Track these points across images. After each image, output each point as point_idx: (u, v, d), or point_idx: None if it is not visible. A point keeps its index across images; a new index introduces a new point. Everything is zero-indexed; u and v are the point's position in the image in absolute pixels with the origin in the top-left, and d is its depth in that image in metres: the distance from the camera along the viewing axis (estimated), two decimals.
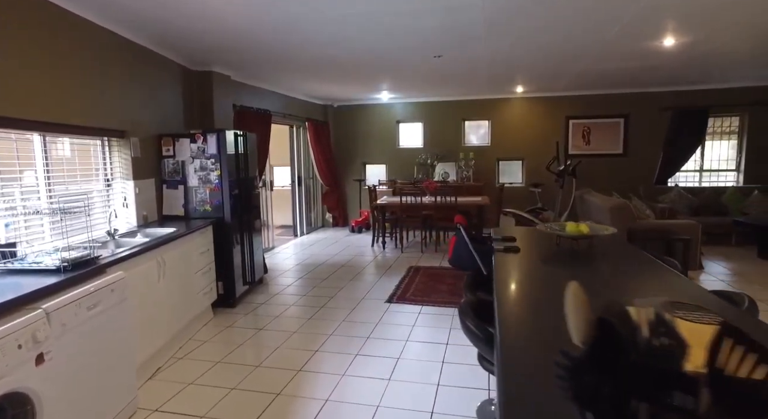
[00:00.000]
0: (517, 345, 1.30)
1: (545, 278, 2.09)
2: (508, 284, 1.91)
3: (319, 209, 8.91)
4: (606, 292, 1.84)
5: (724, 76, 6.73)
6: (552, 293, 1.83)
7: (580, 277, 2.07)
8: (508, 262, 2.30)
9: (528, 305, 1.67)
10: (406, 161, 8.68)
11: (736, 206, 7.01)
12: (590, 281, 1.98)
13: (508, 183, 8.40)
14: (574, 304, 1.03)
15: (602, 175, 7.87)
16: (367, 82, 6.62)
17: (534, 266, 2.30)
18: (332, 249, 6.86)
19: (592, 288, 1.85)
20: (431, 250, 6.65)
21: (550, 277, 2.10)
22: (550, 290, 1.89)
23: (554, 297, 1.77)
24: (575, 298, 1.03)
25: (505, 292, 1.79)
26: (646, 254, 2.49)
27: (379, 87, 7.16)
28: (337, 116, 8.91)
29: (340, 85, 6.81)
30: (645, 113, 7.63)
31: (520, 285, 1.94)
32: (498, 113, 8.23)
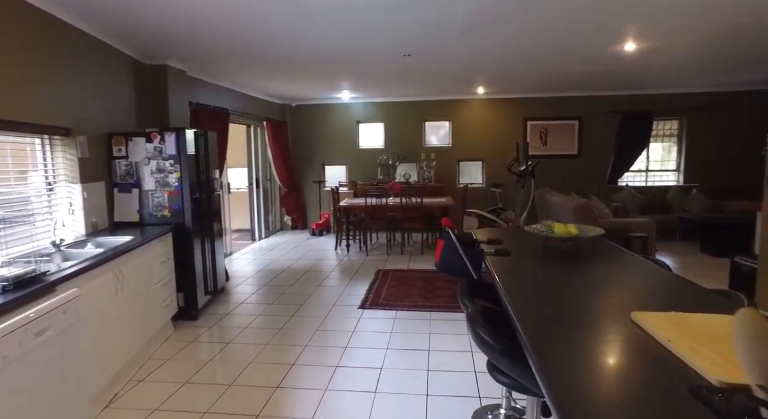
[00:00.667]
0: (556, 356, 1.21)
1: (552, 281, 2.04)
2: (519, 292, 1.82)
3: (277, 212, 8.60)
4: (627, 295, 1.81)
5: (666, 83, 7.13)
6: (569, 299, 1.77)
7: (586, 279, 2.04)
8: (504, 266, 2.23)
9: (550, 314, 1.59)
10: (367, 162, 8.55)
11: (678, 204, 7.45)
12: (600, 284, 1.94)
13: (468, 184, 8.48)
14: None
15: (559, 175, 8.11)
16: (330, 81, 6.43)
17: (534, 270, 2.24)
18: (294, 253, 6.60)
19: (607, 291, 1.82)
20: (397, 252, 6.56)
21: (558, 280, 2.04)
22: (563, 294, 1.82)
23: (573, 303, 1.71)
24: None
25: (518, 300, 1.70)
26: (634, 254, 2.51)
27: (340, 86, 6.99)
28: (295, 116, 8.64)
29: (301, 83, 6.57)
30: (597, 115, 7.95)
31: (531, 292, 1.87)
32: (458, 113, 8.29)
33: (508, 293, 1.75)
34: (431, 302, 4.29)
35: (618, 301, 1.72)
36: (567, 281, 2.02)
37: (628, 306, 1.60)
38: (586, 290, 1.88)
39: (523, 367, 1.49)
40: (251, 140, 7.56)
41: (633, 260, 2.40)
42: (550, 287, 1.95)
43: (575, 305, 1.70)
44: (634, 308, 1.53)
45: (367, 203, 6.28)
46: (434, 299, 4.38)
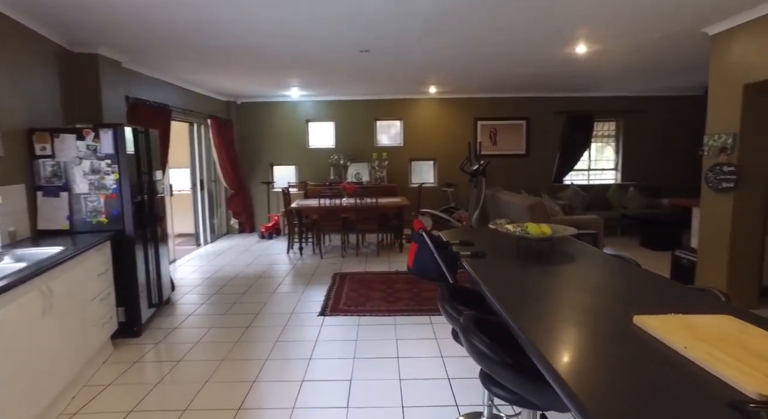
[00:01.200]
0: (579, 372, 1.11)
1: (539, 284, 1.96)
2: (512, 299, 1.73)
3: (223, 215, 8.13)
4: (619, 295, 1.76)
5: (606, 87, 7.47)
6: (565, 304, 1.70)
7: (572, 280, 1.97)
8: (485, 270, 2.13)
9: (554, 322, 1.50)
10: (318, 161, 8.31)
11: (618, 201, 7.85)
12: (587, 285, 1.89)
13: (422, 184, 8.46)
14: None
15: (508, 174, 8.28)
16: (279, 77, 6.14)
17: (516, 272, 2.17)
18: (244, 259, 6.25)
19: (599, 293, 1.75)
20: (352, 254, 6.39)
21: (545, 282, 1.97)
22: (556, 298, 1.75)
23: (572, 308, 1.64)
24: None
25: (516, 310, 1.60)
26: (602, 252, 2.51)
27: (289, 83, 6.70)
28: (241, 114, 8.22)
29: (249, 79, 6.23)
30: (543, 116, 8.20)
31: (524, 297, 1.77)
32: (410, 113, 8.25)
33: (502, 302, 1.65)
34: (394, 306, 4.16)
35: (614, 303, 1.67)
36: (554, 283, 1.96)
37: (625, 308, 1.55)
38: (577, 292, 1.82)
39: (527, 380, 1.39)
40: (195, 139, 7.09)
41: (606, 259, 2.40)
42: (540, 290, 1.87)
43: (574, 310, 1.63)
44: (632, 310, 1.48)
45: (321, 205, 6.06)
46: (396, 303, 4.25)
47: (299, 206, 6.27)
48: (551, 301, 1.73)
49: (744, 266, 3.93)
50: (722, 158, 3.92)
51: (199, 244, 7.18)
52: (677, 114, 8.14)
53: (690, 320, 1.38)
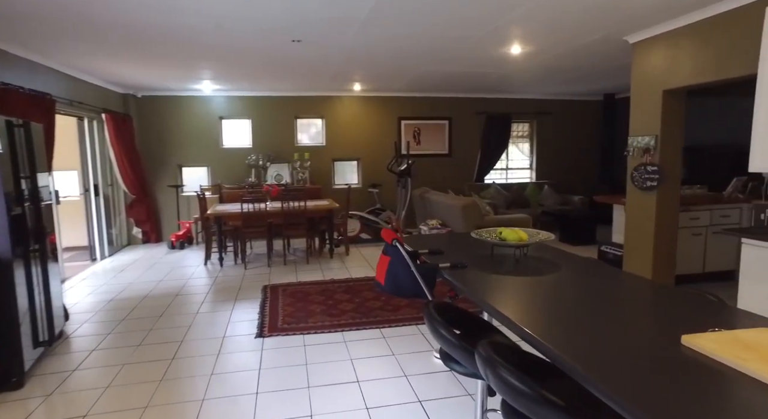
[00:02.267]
0: None
1: (546, 298, 1.76)
2: (532, 319, 1.51)
3: (123, 224, 7.11)
4: (638, 309, 1.61)
5: (521, 89, 7.79)
6: (595, 324, 1.51)
7: (578, 292, 1.76)
8: (474, 283, 1.91)
9: (599, 347, 1.30)
10: (233, 162, 7.62)
11: (535, 199, 8.24)
12: (597, 295, 1.73)
13: (344, 184, 8.15)
14: None
15: (432, 174, 8.30)
16: (190, 68, 5.44)
17: (509, 285, 1.96)
18: (154, 274, 5.45)
19: (613, 304, 1.59)
20: (279, 263, 5.89)
21: (551, 296, 1.78)
22: (585, 317, 1.56)
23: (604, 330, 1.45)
24: None
25: (546, 333, 1.38)
26: (575, 255, 2.43)
27: (201, 76, 6.00)
28: (142, 109, 7.24)
29: (153, 68, 5.44)
30: (464, 116, 8.33)
31: (541, 316, 1.56)
32: (332, 111, 7.89)
33: (529, 326, 1.42)
34: (339, 320, 3.82)
35: (641, 318, 1.52)
36: (562, 298, 1.78)
37: (655, 323, 1.41)
38: (594, 306, 1.65)
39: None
40: (86, 137, 6.06)
41: (590, 264, 2.30)
42: (557, 308, 1.67)
43: (611, 332, 1.44)
44: (662, 324, 1.34)
45: (243, 210, 5.48)
46: (341, 316, 3.92)
47: (218, 211, 5.63)
48: (578, 322, 1.54)
49: (664, 258, 4.20)
50: (646, 159, 4.15)
51: (94, 258, 6.17)
52: (579, 117, 8.76)
53: (740, 336, 1.26)
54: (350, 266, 5.65)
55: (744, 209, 4.61)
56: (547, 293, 1.82)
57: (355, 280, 5.00)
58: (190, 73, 5.86)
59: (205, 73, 5.85)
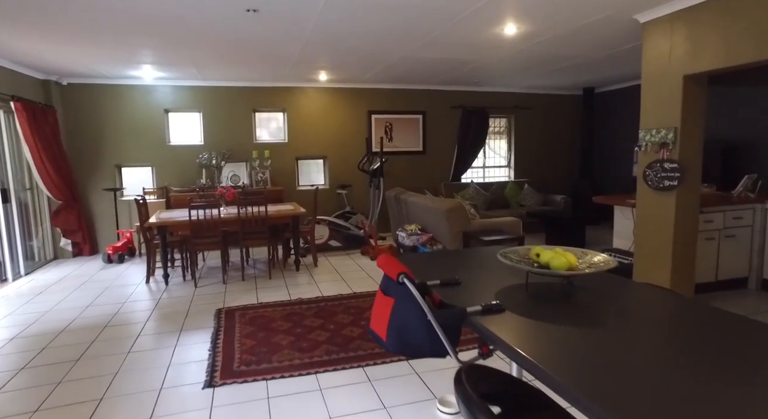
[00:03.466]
0: None
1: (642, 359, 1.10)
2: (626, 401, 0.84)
3: (48, 234, 6.05)
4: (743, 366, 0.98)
5: (498, 82, 7.26)
6: None
7: (667, 346, 1.12)
8: (523, 339, 1.23)
9: None
10: (182, 162, 6.68)
11: (515, 199, 7.74)
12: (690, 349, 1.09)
13: (310, 185, 7.37)
14: None
15: (405, 173, 7.65)
16: (124, 46, 4.53)
17: (573, 337, 1.29)
18: (82, 296, 4.51)
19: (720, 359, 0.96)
20: (236, 278, 5.06)
21: (647, 355, 1.12)
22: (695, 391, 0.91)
23: None
24: None
25: None
26: (640, 284, 1.80)
27: (138, 58, 5.08)
28: (69, 99, 6.19)
29: (75, 45, 4.49)
30: (439, 110, 7.72)
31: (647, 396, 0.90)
32: (294, 103, 7.08)
33: None
34: (312, 356, 3.08)
35: None
36: (658, 358, 1.11)
37: None
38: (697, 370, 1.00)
39: None
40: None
41: (658, 295, 1.66)
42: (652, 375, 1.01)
43: None
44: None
45: (192, 218, 4.62)
46: (313, 350, 3.17)
47: (162, 220, 4.73)
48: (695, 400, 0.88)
49: (683, 266, 3.71)
50: (662, 155, 3.64)
51: (4, 279, 5.12)
52: (558, 112, 8.34)
53: None
54: (320, 281, 4.90)
55: (757, 209, 4.20)
56: (632, 353, 1.15)
57: (327, 299, 4.26)
58: (125, 55, 4.93)
59: (144, 55, 4.94)
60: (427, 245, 5.26)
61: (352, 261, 5.76)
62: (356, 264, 5.59)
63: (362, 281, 4.85)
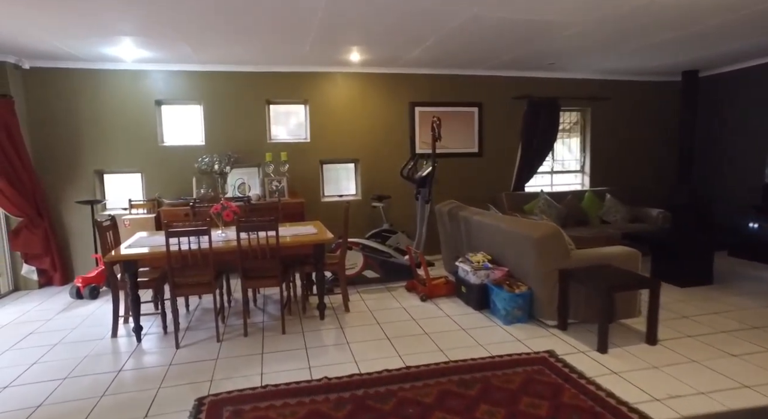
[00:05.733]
0: None
1: None
2: None
3: (8, 260, 4.74)
4: None
5: (572, 65, 5.67)
6: None
7: None
8: None
9: None
10: (178, 167, 5.30)
11: (595, 213, 6.09)
12: None
13: (337, 196, 5.91)
14: None
15: (456, 180, 6.10)
16: (96, 6, 3.14)
17: None
18: (16, 358, 3.12)
19: None
20: (235, 332, 3.60)
21: None
22: None
23: None
24: None
25: None
26: None
27: (111, 26, 3.70)
28: (33, 87, 4.88)
29: (24, 7, 3.13)
30: (499, 101, 6.15)
31: None
32: (319, 93, 5.63)
33: None
34: None
35: None
36: None
37: None
38: None
39: None
40: None
41: None
42: None
43: None
44: None
45: (172, 249, 3.18)
46: None
47: (127, 253, 3.31)
48: None
49: None
50: None
51: None
52: (647, 103, 6.66)
53: None
54: (355, 339, 3.40)
55: None
56: None
57: (368, 383, 2.74)
58: (94, 20, 3.55)
59: (124, 21, 3.55)
60: (504, 286, 3.69)
61: (395, 302, 4.24)
62: (402, 308, 4.06)
63: (416, 341, 3.32)
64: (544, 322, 3.53)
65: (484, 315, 3.83)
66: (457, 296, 4.28)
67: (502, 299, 3.65)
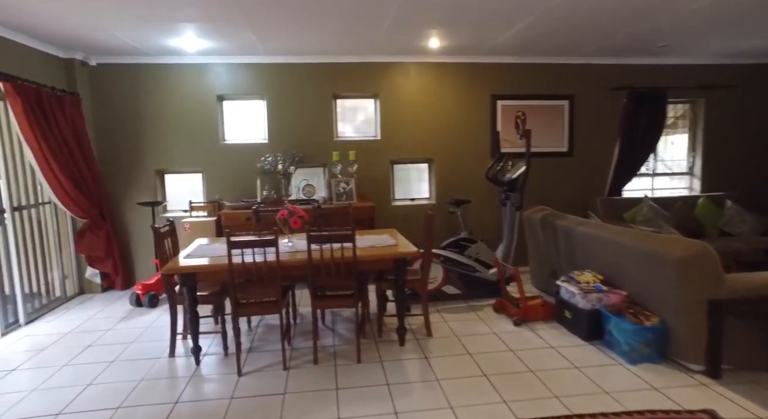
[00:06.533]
0: None
1: None
2: None
3: (72, 262, 4.58)
4: None
5: (683, 48, 4.77)
6: None
7: None
8: None
9: None
10: (239, 166, 4.96)
11: (713, 223, 5.14)
12: None
13: (408, 199, 5.36)
14: None
15: (542, 183, 5.36)
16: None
17: None
18: (72, 377, 2.82)
19: None
20: (305, 354, 3.13)
21: None
22: None
23: None
24: None
25: None
26: None
27: (177, 12, 3.35)
28: (98, 84, 4.70)
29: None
30: (593, 93, 5.35)
31: None
32: (391, 86, 5.10)
33: None
34: None
35: None
36: None
37: None
38: None
39: None
40: None
41: None
42: None
43: None
44: None
45: (235, 262, 2.75)
46: None
47: (187, 265, 2.92)
48: None
49: None
50: None
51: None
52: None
53: None
54: (445, 375, 2.82)
55: None
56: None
57: None
58: (158, 3, 3.22)
59: (182, 4, 3.20)
60: (626, 315, 2.98)
61: (484, 325, 3.61)
62: (494, 334, 3.43)
63: (521, 382, 2.69)
64: (685, 365, 2.78)
65: (596, 348, 3.13)
66: (557, 322, 3.59)
67: (624, 331, 2.93)
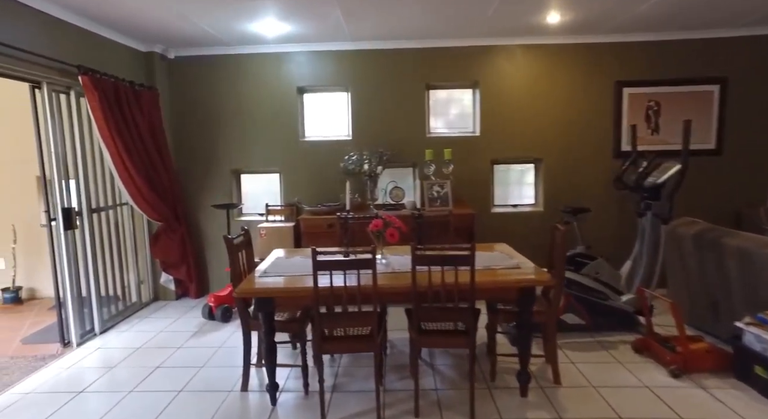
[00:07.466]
0: None
1: None
2: None
3: (145, 268, 4.33)
4: None
5: None
6: None
7: None
8: None
9: None
10: (320, 165, 4.48)
11: None
12: None
13: (510, 206, 4.59)
14: None
15: (683, 188, 4.34)
16: None
17: None
18: (145, 407, 2.41)
19: None
20: (401, 403, 2.50)
21: None
22: None
23: None
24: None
25: None
26: None
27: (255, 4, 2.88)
28: (175, 78, 4.43)
29: None
30: (752, 76, 4.25)
31: None
32: (492, 73, 4.36)
33: None
34: None
35: None
36: None
37: None
38: None
39: None
40: (47, 119, 3.25)
41: None
42: None
43: None
44: None
45: (321, 288, 2.18)
46: None
47: (263, 286, 2.40)
48: None
49: None
50: None
51: (67, 342, 3.36)
52: None
53: None
54: None
55: None
56: None
57: None
58: None
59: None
60: None
61: (627, 373, 2.78)
62: (646, 388, 2.59)
63: None
64: None
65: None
66: (738, 378, 2.66)
67: None
